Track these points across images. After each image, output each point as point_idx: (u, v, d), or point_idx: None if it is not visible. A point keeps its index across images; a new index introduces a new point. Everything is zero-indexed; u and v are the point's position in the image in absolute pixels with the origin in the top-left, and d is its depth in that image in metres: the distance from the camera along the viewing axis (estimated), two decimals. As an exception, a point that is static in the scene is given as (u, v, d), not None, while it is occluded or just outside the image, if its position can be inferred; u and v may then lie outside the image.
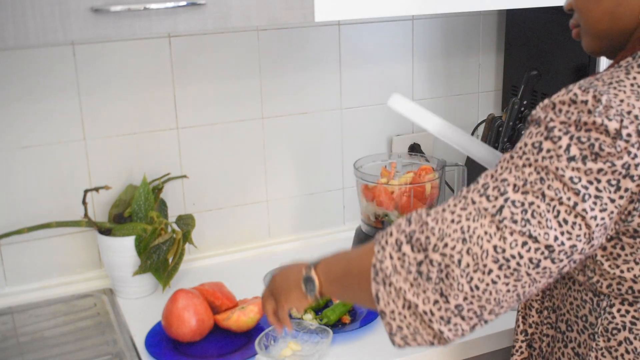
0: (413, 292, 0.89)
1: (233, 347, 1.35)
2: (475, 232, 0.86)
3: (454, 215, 0.88)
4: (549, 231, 0.85)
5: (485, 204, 0.87)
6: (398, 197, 1.48)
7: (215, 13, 1.23)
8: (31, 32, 1.12)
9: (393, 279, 0.90)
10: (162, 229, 1.52)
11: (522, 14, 1.79)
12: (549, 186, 0.85)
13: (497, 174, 0.89)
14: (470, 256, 0.86)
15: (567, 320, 1.05)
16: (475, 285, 0.86)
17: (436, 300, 0.88)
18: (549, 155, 0.86)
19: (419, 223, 0.90)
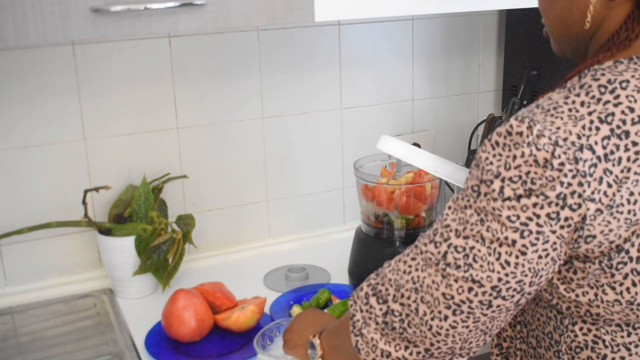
0: (384, 340, 0.94)
1: (233, 347, 1.35)
2: (425, 281, 0.89)
3: (406, 266, 0.92)
4: (492, 274, 0.85)
5: (432, 251, 0.89)
6: (398, 197, 1.48)
7: (215, 13, 1.23)
8: (31, 32, 1.12)
9: (364, 331, 0.95)
10: (162, 229, 1.52)
11: (522, 14, 1.79)
12: (488, 227, 0.85)
13: (443, 218, 0.90)
14: (425, 304, 0.89)
15: (536, 336, 1.05)
16: (437, 332, 0.90)
17: (407, 346, 0.93)
18: (485, 198, 0.85)
19: (381, 275, 0.96)
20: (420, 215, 1.50)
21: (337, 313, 1.40)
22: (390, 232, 1.50)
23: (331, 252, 1.76)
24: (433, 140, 1.92)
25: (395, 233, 1.50)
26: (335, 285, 1.55)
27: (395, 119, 1.88)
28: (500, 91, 1.98)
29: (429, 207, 1.51)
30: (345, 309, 1.42)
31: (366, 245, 1.53)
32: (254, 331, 1.35)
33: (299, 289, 1.55)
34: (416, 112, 1.90)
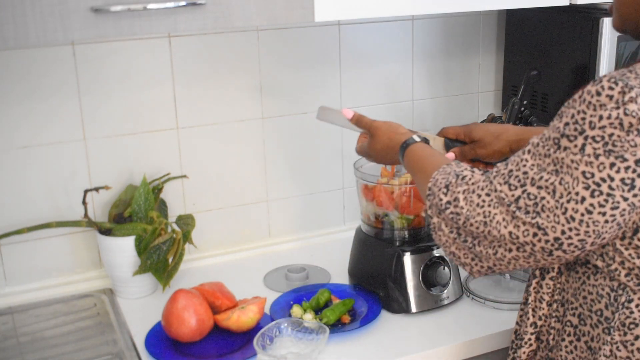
0: (455, 246, 1.04)
1: (233, 347, 1.35)
2: (495, 217, 0.96)
3: (480, 200, 0.99)
4: (556, 226, 0.91)
5: (505, 192, 0.96)
6: (398, 197, 1.48)
7: (215, 13, 1.23)
8: (31, 32, 1.12)
9: (439, 233, 1.06)
10: (162, 229, 1.52)
11: (522, 14, 1.79)
12: (562, 180, 0.90)
13: (522, 163, 0.96)
14: (492, 237, 0.97)
15: (579, 314, 1.06)
16: (500, 259, 0.99)
17: (473, 258, 1.03)
18: (565, 152, 0.90)
19: (453, 196, 1.02)
20: (420, 215, 1.49)
21: (337, 313, 1.40)
22: (390, 232, 1.50)
23: (331, 252, 1.76)
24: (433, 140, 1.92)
25: (395, 233, 1.50)
26: (335, 285, 1.55)
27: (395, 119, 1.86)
28: (500, 91, 1.98)
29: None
30: (345, 309, 1.42)
31: (366, 245, 1.53)
32: (254, 331, 1.35)
33: (299, 289, 1.55)
34: (416, 112, 1.90)
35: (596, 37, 1.53)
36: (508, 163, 0.98)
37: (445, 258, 1.48)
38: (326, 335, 1.31)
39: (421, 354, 1.33)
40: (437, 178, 1.07)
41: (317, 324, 1.35)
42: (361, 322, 1.41)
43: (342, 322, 1.41)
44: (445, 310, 1.47)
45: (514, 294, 1.51)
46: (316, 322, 1.36)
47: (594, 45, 1.54)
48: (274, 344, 1.33)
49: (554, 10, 1.65)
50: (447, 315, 1.46)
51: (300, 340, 1.34)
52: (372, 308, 1.45)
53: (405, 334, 1.40)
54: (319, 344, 1.30)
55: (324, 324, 1.36)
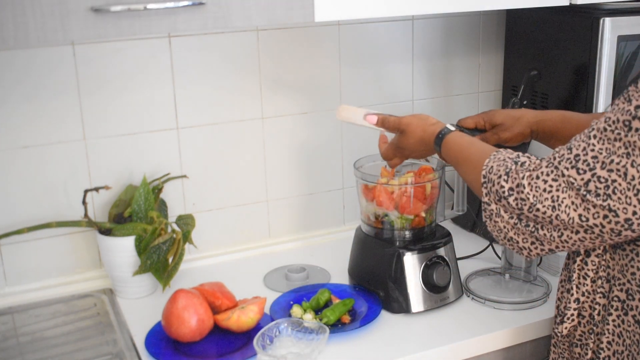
0: (514, 232, 1.08)
1: (233, 347, 1.35)
2: (564, 201, 1.00)
3: (546, 185, 1.01)
4: (628, 207, 0.95)
5: (574, 176, 0.99)
6: (398, 197, 1.48)
7: (215, 13, 1.23)
8: (31, 32, 1.12)
9: (497, 219, 1.09)
10: (162, 229, 1.52)
11: (522, 14, 1.79)
12: (633, 162, 0.94)
13: (589, 148, 0.98)
14: (559, 221, 1.01)
15: (627, 290, 1.09)
16: (565, 240, 1.03)
17: (533, 242, 1.07)
18: (637, 133, 0.93)
19: (515, 182, 1.04)
20: (420, 215, 1.49)
21: (337, 313, 1.40)
22: (390, 232, 1.50)
23: (331, 252, 1.76)
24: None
25: (395, 233, 1.50)
26: (335, 285, 1.55)
27: (395, 119, 1.87)
28: (500, 91, 1.98)
29: (429, 207, 1.51)
30: (345, 309, 1.42)
31: (366, 245, 1.53)
32: (254, 331, 1.35)
33: (299, 289, 1.55)
34: (416, 112, 1.90)
35: (596, 37, 1.53)
36: (571, 148, 1.01)
37: (445, 258, 1.48)
38: (326, 335, 1.31)
39: (421, 354, 1.33)
40: (492, 165, 1.09)
41: (317, 324, 1.35)
42: (361, 322, 1.41)
43: (342, 322, 1.41)
44: (445, 310, 1.47)
45: (514, 294, 1.51)
46: (316, 322, 1.36)
47: (594, 45, 1.54)
48: (274, 344, 1.33)
49: (554, 10, 1.65)
50: (447, 315, 1.46)
51: (300, 340, 1.34)
52: (372, 308, 1.45)
53: (405, 334, 1.40)
54: (319, 344, 1.30)
55: (324, 324, 1.36)
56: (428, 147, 1.31)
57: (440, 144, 1.26)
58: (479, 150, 1.17)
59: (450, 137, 1.25)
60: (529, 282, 1.55)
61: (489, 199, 1.09)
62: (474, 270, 1.62)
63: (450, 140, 1.25)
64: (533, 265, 1.56)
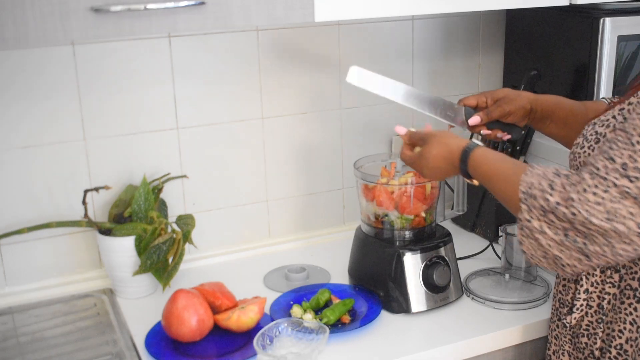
0: (559, 249, 1.03)
1: (233, 347, 1.35)
2: (619, 212, 0.97)
3: (597, 197, 0.98)
4: None
5: (627, 185, 0.96)
6: (398, 197, 1.48)
7: (215, 13, 1.23)
8: (31, 32, 1.12)
9: (539, 237, 1.03)
10: (162, 229, 1.52)
11: (522, 14, 1.79)
12: None
13: (635, 155, 0.96)
14: (617, 233, 0.97)
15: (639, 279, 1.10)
16: (618, 253, 0.99)
17: (579, 258, 1.02)
18: None
19: (562, 196, 1.00)
20: (420, 215, 1.49)
21: (337, 313, 1.40)
22: (390, 232, 1.50)
23: (331, 252, 1.76)
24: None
25: (395, 233, 1.50)
26: (335, 285, 1.55)
27: (395, 119, 1.87)
28: (500, 91, 1.98)
29: (429, 207, 1.51)
30: (345, 309, 1.42)
31: (366, 245, 1.53)
32: (254, 331, 1.35)
33: (299, 289, 1.55)
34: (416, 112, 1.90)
35: (596, 37, 1.53)
36: (613, 157, 0.98)
37: (445, 258, 1.48)
38: (326, 335, 1.31)
39: (421, 354, 1.33)
40: (531, 181, 1.05)
41: (317, 324, 1.35)
42: (361, 322, 1.41)
43: (342, 322, 1.41)
44: (445, 310, 1.47)
45: (514, 294, 1.51)
46: (316, 322, 1.36)
47: (594, 45, 1.54)
48: (274, 344, 1.33)
49: (554, 10, 1.65)
50: (447, 315, 1.45)
51: (300, 340, 1.34)
52: (372, 308, 1.45)
53: (405, 334, 1.40)
54: (319, 344, 1.30)
55: (324, 324, 1.36)
56: (450, 161, 1.24)
57: (467, 158, 1.20)
58: (512, 165, 1.13)
59: (479, 152, 1.19)
60: (529, 282, 1.55)
61: (530, 215, 1.04)
62: (474, 270, 1.62)
63: (479, 154, 1.19)
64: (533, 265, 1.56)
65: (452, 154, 1.23)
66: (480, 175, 1.18)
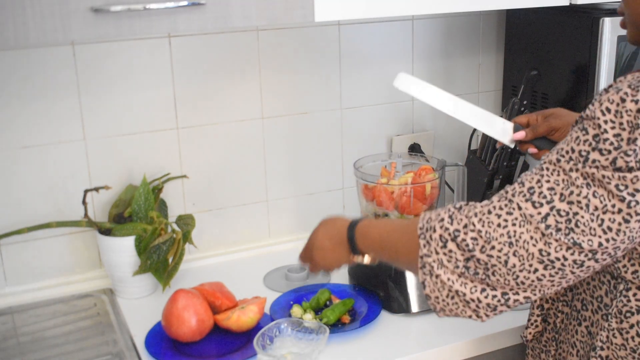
0: (461, 282, 0.97)
1: (233, 347, 1.35)
2: (522, 237, 0.92)
3: (500, 220, 0.93)
4: (593, 238, 0.89)
5: (531, 210, 0.92)
6: (398, 197, 1.48)
7: (215, 13, 1.23)
8: (31, 32, 1.12)
9: (440, 272, 0.97)
10: (162, 229, 1.52)
11: (522, 14, 1.79)
12: (595, 193, 0.89)
13: (544, 179, 0.92)
14: (517, 257, 0.92)
15: (582, 300, 1.08)
16: (522, 282, 0.94)
17: (483, 289, 0.96)
18: (594, 165, 0.88)
19: (462, 223, 0.95)
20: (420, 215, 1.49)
21: (337, 313, 1.40)
22: (390, 232, 1.50)
23: (331, 252, 1.76)
24: (433, 140, 1.92)
25: (395, 233, 1.50)
26: (335, 285, 1.55)
27: (395, 119, 1.87)
28: (500, 91, 1.98)
29: (429, 207, 1.50)
30: (345, 309, 1.42)
31: (366, 245, 1.53)
32: (254, 331, 1.35)
33: (299, 289, 1.55)
34: (416, 112, 1.90)
35: (596, 37, 1.53)
36: (523, 181, 0.94)
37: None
38: (326, 335, 1.31)
39: (421, 354, 1.33)
40: (429, 217, 1.00)
41: (317, 324, 1.35)
42: (361, 322, 1.41)
43: (342, 322, 1.42)
44: (445, 310, 1.47)
45: (514, 294, 1.51)
46: (316, 322, 1.36)
47: (594, 45, 1.54)
48: (274, 344, 1.33)
49: (554, 10, 1.65)
50: (447, 315, 1.45)
51: (300, 340, 1.34)
52: (372, 308, 1.45)
53: (405, 334, 1.40)
54: (319, 344, 1.30)
55: (324, 324, 1.36)
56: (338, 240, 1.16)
57: (353, 231, 1.13)
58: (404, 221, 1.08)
59: (365, 222, 1.13)
60: (529, 282, 1.55)
61: (428, 250, 0.98)
62: (474, 270, 1.62)
63: (365, 224, 1.13)
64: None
65: (339, 231, 1.16)
66: (372, 242, 1.11)
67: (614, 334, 1.02)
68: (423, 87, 1.37)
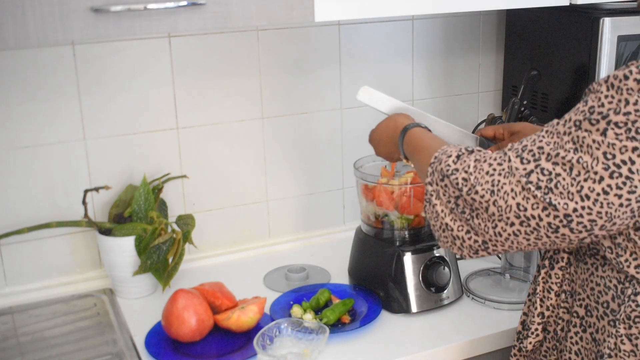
0: (451, 218, 1.03)
1: (233, 347, 1.35)
2: (503, 187, 0.96)
3: (490, 168, 0.98)
4: (569, 202, 0.91)
5: (517, 164, 0.95)
6: (398, 197, 1.48)
7: (215, 13, 1.23)
8: (31, 32, 1.12)
9: (436, 202, 1.04)
10: (162, 229, 1.52)
11: (522, 14, 1.79)
12: (580, 158, 0.90)
13: (539, 139, 0.96)
14: (496, 207, 0.96)
15: (586, 306, 1.06)
16: (499, 232, 0.98)
17: (468, 230, 1.01)
18: (587, 133, 0.90)
19: (464, 164, 1.01)
20: (420, 215, 1.49)
21: (337, 313, 1.40)
22: (390, 232, 1.50)
23: (331, 252, 1.76)
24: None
25: (395, 233, 1.50)
26: (335, 285, 1.55)
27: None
28: (500, 91, 1.98)
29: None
30: (345, 309, 1.42)
31: (366, 245, 1.53)
32: (254, 331, 1.35)
33: (299, 289, 1.55)
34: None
35: (596, 37, 1.53)
36: (523, 140, 0.98)
37: (445, 258, 1.48)
38: (326, 335, 1.31)
39: (421, 354, 1.33)
40: (447, 149, 1.06)
41: (317, 324, 1.35)
42: (361, 322, 1.41)
43: (342, 322, 1.42)
44: (445, 310, 1.47)
45: (514, 294, 1.51)
46: (316, 322, 1.36)
47: (594, 45, 1.54)
48: (274, 344, 1.33)
49: (554, 10, 1.65)
50: (447, 315, 1.46)
51: (300, 340, 1.34)
52: (372, 308, 1.45)
53: (405, 334, 1.40)
54: (319, 344, 1.30)
55: (324, 324, 1.36)
56: (391, 137, 1.29)
57: (404, 135, 1.25)
58: (438, 141, 1.16)
59: (415, 130, 1.24)
60: (528, 282, 1.55)
61: (431, 178, 1.05)
62: (474, 270, 1.62)
63: (415, 132, 1.23)
64: (533, 265, 1.56)
65: (395, 129, 1.29)
66: (409, 151, 1.22)
67: (622, 341, 0.99)
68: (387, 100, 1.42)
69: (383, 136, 1.33)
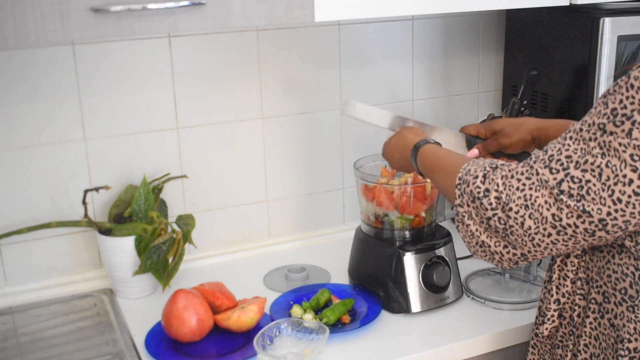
0: (487, 235, 1.05)
1: (233, 347, 1.35)
2: (537, 200, 0.97)
3: (520, 184, 0.99)
4: (602, 207, 0.93)
5: (547, 175, 0.97)
6: (398, 197, 1.48)
7: (215, 13, 1.23)
8: (31, 32, 1.12)
9: (469, 222, 1.06)
10: (162, 229, 1.52)
11: (522, 14, 1.79)
12: (608, 162, 0.92)
13: (564, 148, 0.97)
14: (532, 220, 0.98)
15: (604, 292, 1.08)
16: (538, 244, 1.00)
17: (506, 245, 1.04)
18: (612, 136, 0.91)
19: (493, 183, 1.03)
20: (420, 215, 1.50)
21: (337, 313, 1.40)
22: (390, 232, 1.50)
23: (331, 252, 1.76)
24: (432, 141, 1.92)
25: (395, 233, 1.50)
26: (335, 285, 1.55)
27: (395, 119, 1.87)
28: (500, 91, 1.98)
29: (429, 207, 1.51)
30: (345, 309, 1.42)
31: (366, 245, 1.53)
32: (254, 331, 1.35)
33: (299, 289, 1.55)
34: (416, 112, 1.90)
35: (596, 37, 1.53)
36: (547, 149, 1.00)
37: (445, 258, 1.48)
38: (326, 335, 1.31)
39: (421, 354, 1.33)
40: (470, 169, 1.08)
41: (317, 324, 1.35)
42: (361, 322, 1.41)
43: (342, 322, 1.41)
44: (445, 310, 1.47)
45: (514, 294, 1.51)
46: (316, 322, 1.36)
47: (594, 45, 1.54)
48: (274, 344, 1.33)
49: (554, 10, 1.65)
50: (447, 315, 1.46)
51: (300, 340, 1.34)
52: (372, 308, 1.45)
53: (405, 334, 1.40)
54: (319, 344, 1.30)
55: (324, 324, 1.36)
56: (404, 155, 1.31)
57: (416, 153, 1.26)
58: (456, 158, 1.17)
59: (428, 147, 1.25)
60: (528, 282, 1.55)
61: (461, 200, 1.07)
62: (474, 270, 1.62)
63: (427, 149, 1.25)
64: (533, 265, 1.56)
65: (405, 147, 1.30)
66: (426, 169, 1.23)
67: None
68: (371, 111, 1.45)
69: (394, 153, 1.35)
